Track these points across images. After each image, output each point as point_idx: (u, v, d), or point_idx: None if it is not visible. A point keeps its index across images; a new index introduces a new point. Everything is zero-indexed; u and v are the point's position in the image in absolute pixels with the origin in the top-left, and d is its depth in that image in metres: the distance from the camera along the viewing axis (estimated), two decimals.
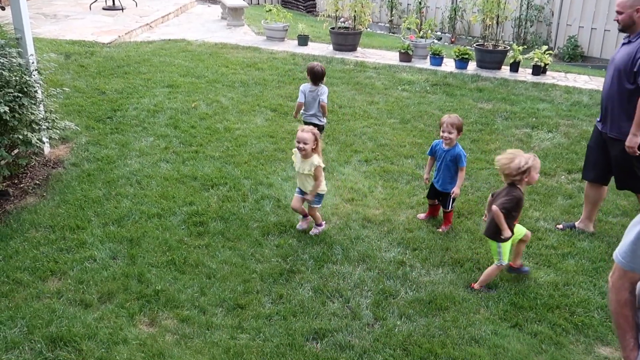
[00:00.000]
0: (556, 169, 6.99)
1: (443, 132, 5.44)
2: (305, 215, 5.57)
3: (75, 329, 4.13)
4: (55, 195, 5.92)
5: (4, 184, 5.93)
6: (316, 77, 6.56)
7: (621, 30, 5.18)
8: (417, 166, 6.92)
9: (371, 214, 5.83)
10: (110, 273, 4.78)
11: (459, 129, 5.47)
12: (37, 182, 6.14)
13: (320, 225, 5.52)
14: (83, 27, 12.55)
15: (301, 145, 5.17)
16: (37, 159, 6.51)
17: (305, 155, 5.24)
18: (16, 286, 4.57)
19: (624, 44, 5.18)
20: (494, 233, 4.68)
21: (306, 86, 6.66)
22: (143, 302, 4.46)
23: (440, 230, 5.60)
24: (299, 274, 4.89)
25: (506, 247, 4.72)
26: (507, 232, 4.58)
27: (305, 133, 5.16)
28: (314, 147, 5.21)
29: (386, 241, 5.41)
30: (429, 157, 5.74)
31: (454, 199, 5.58)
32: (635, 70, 4.94)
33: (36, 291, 4.52)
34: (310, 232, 5.47)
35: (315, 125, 6.22)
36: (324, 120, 6.81)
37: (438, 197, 5.70)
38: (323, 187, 5.43)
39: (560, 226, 5.74)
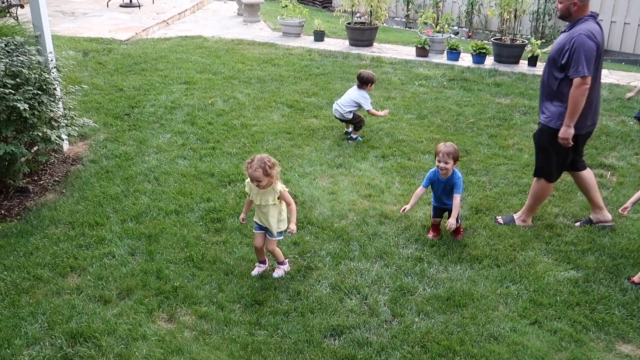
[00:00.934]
0: None
1: (439, 162, 5.15)
2: (262, 261, 4.88)
3: (95, 325, 4.17)
4: (74, 192, 5.97)
5: (24, 181, 6.00)
6: (360, 80, 7.41)
7: (560, 18, 5.31)
8: (435, 162, 6.86)
9: (388, 210, 5.80)
10: (129, 269, 4.81)
11: (455, 158, 5.18)
12: (57, 179, 6.20)
13: (283, 263, 4.84)
14: (100, 25, 12.64)
15: (255, 184, 4.50)
16: (56, 156, 6.57)
17: (264, 187, 4.53)
18: (36, 282, 4.62)
19: (561, 32, 5.37)
20: None
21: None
22: (162, 298, 4.49)
23: (458, 238, 5.39)
24: (316, 270, 4.88)
25: None
26: None
27: (256, 172, 4.39)
28: (271, 179, 4.48)
29: (404, 237, 5.39)
30: (422, 187, 5.36)
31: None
32: (562, 62, 5.02)
33: (56, 287, 4.56)
34: (274, 275, 4.79)
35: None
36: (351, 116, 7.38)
37: (444, 212, 5.40)
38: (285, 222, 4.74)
39: (578, 224, 5.68)
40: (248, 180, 4.58)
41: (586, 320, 4.39)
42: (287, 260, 4.92)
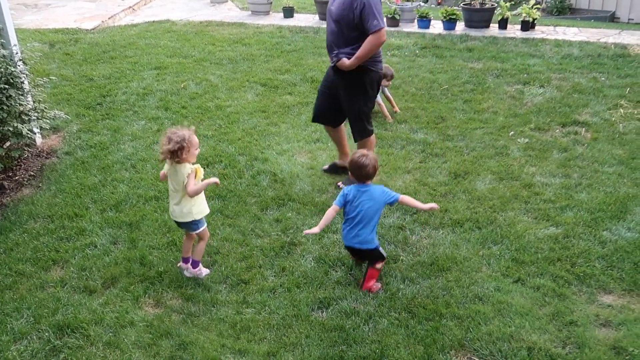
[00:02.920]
0: (550, 123, 6.98)
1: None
2: (185, 259, 4.55)
3: (82, 316, 4.15)
4: (51, 185, 5.91)
5: None
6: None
7: None
8: (411, 130, 6.90)
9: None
10: (112, 258, 4.79)
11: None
12: (32, 173, 6.12)
13: (196, 263, 4.49)
14: (65, 15, 12.40)
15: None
16: (29, 150, 6.48)
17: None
18: (19, 278, 4.59)
19: None
20: None
21: None
22: (147, 285, 4.48)
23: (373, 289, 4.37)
24: (300, 245, 4.90)
25: None
26: None
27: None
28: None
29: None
30: (335, 206, 4.35)
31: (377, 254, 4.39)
32: (356, 22, 5.09)
33: (40, 281, 4.53)
34: (186, 273, 4.55)
35: None
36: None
37: (362, 258, 4.52)
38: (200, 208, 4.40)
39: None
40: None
41: (568, 274, 4.46)
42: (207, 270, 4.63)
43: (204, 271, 4.56)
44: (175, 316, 4.18)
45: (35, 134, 6.41)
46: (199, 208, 4.38)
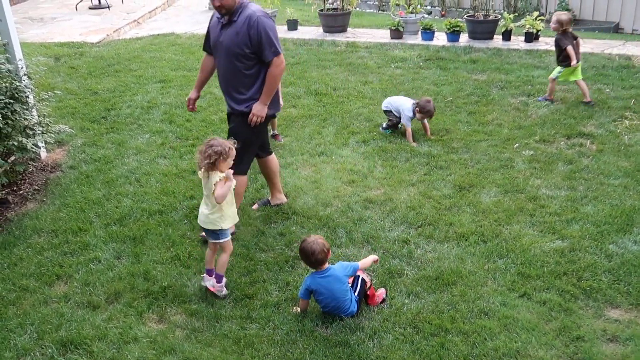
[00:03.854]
0: (555, 135, 6.96)
1: None
2: (209, 271, 4.54)
3: (85, 331, 4.14)
4: (55, 199, 5.91)
5: (3, 192, 5.92)
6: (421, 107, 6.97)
7: (224, 14, 4.84)
8: (416, 143, 6.88)
9: (372, 195, 5.81)
10: (116, 273, 4.78)
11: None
12: (36, 187, 6.13)
13: (220, 278, 4.50)
14: (71, 28, 12.48)
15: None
16: (34, 164, 6.50)
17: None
18: (23, 293, 4.58)
19: (223, 24, 4.89)
20: None
21: None
22: (151, 300, 4.46)
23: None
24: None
25: None
26: None
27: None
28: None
29: (389, 220, 5.39)
30: (304, 300, 4.26)
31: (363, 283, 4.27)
32: (255, 52, 4.79)
33: (43, 296, 4.53)
34: (206, 284, 4.52)
35: None
36: None
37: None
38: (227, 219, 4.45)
39: (256, 206, 5.63)
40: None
41: (574, 288, 4.42)
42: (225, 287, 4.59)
43: (224, 291, 4.50)
44: (179, 332, 4.16)
45: (39, 148, 6.43)
46: (226, 219, 4.42)
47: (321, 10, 12.16)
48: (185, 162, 6.54)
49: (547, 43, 10.56)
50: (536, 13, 10.84)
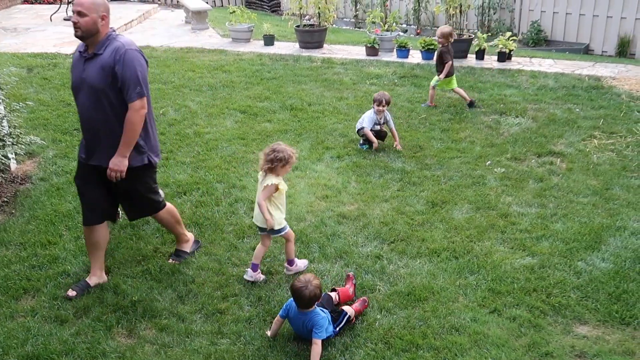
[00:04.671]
0: (526, 153, 7.06)
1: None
2: (254, 266, 4.77)
3: (52, 346, 4.06)
4: (24, 211, 5.82)
5: None
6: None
7: (80, 37, 4.26)
8: (389, 159, 6.94)
9: (346, 210, 5.83)
10: None
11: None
12: (5, 199, 6.02)
13: (292, 262, 4.86)
14: (45, 39, 12.36)
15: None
16: (3, 175, 6.38)
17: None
18: None
19: (87, 59, 4.29)
20: None
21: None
22: (120, 314, 4.40)
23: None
24: (276, 274, 4.86)
25: None
26: None
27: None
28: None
29: (362, 236, 5.41)
30: (279, 318, 4.18)
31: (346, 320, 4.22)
32: (119, 86, 4.24)
33: (9, 310, 4.43)
34: (247, 277, 4.77)
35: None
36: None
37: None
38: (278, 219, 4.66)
39: (172, 260, 5.03)
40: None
41: (543, 305, 4.48)
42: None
43: (295, 268, 4.85)
44: (149, 347, 4.10)
45: (9, 159, 6.33)
46: (277, 219, 4.65)
47: (297, 26, 12.23)
48: (158, 175, 6.41)
49: (519, 62, 10.76)
50: (509, 33, 11.04)
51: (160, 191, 5.02)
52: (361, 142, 7.31)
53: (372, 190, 6.23)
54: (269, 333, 4.19)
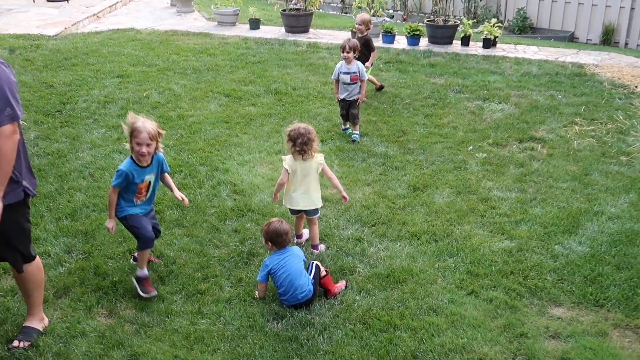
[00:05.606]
0: (508, 138, 7.12)
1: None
2: (298, 236, 5.13)
3: None
4: None
5: None
6: None
7: None
8: (372, 144, 6.97)
9: (328, 193, 5.84)
10: (66, 268, 4.72)
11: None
12: None
13: (316, 247, 5.02)
14: (27, 21, 12.22)
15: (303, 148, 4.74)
16: None
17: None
18: None
19: None
20: None
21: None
22: (100, 294, 4.42)
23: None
24: (257, 256, 4.89)
25: None
26: None
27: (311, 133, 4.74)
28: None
29: (344, 219, 5.45)
30: (262, 283, 4.41)
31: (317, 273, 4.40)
32: None
33: None
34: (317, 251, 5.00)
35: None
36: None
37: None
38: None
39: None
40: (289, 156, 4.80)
41: (520, 287, 4.55)
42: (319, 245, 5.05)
43: (318, 252, 4.98)
44: (128, 326, 4.13)
45: None
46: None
47: (284, 10, 12.18)
48: None
49: (504, 49, 10.80)
50: (494, 20, 11.06)
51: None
52: (343, 127, 7.33)
53: (355, 174, 6.26)
54: (255, 294, 4.43)
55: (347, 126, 7.28)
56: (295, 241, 5.06)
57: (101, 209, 5.51)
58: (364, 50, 7.91)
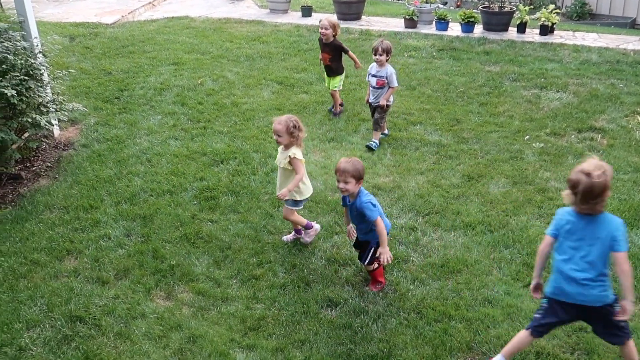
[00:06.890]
0: (566, 128, 6.94)
1: (338, 181, 4.20)
2: (297, 231, 5.01)
3: (94, 306, 4.21)
4: (67, 176, 5.98)
5: (17, 168, 6.00)
6: None
7: None
8: (426, 132, 6.90)
9: (381, 182, 5.83)
10: (125, 250, 4.85)
11: (357, 177, 4.15)
12: (49, 164, 6.20)
13: (308, 227, 4.92)
14: (86, 9, 12.52)
15: (275, 137, 4.68)
16: (47, 141, 6.57)
17: (286, 147, 4.68)
18: (34, 267, 4.65)
19: None
20: None
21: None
22: (159, 277, 4.53)
23: (368, 289, 4.45)
24: (311, 243, 4.92)
25: None
26: None
27: (278, 125, 4.58)
28: (292, 138, 4.63)
29: (397, 208, 5.42)
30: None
31: (374, 254, 4.26)
32: None
33: (54, 271, 4.60)
34: (303, 240, 4.95)
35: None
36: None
37: (358, 247, 4.54)
38: (302, 191, 4.77)
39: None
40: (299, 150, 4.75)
41: None
42: (314, 222, 5.02)
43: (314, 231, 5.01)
44: (186, 309, 4.22)
45: (53, 125, 6.49)
46: None
47: None
48: (196, 144, 6.58)
49: (562, 36, 10.51)
50: (552, 6, 10.76)
51: None
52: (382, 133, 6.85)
53: (408, 162, 6.21)
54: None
55: (386, 131, 6.93)
56: (307, 231, 4.94)
57: (159, 193, 5.63)
58: (336, 57, 7.29)
